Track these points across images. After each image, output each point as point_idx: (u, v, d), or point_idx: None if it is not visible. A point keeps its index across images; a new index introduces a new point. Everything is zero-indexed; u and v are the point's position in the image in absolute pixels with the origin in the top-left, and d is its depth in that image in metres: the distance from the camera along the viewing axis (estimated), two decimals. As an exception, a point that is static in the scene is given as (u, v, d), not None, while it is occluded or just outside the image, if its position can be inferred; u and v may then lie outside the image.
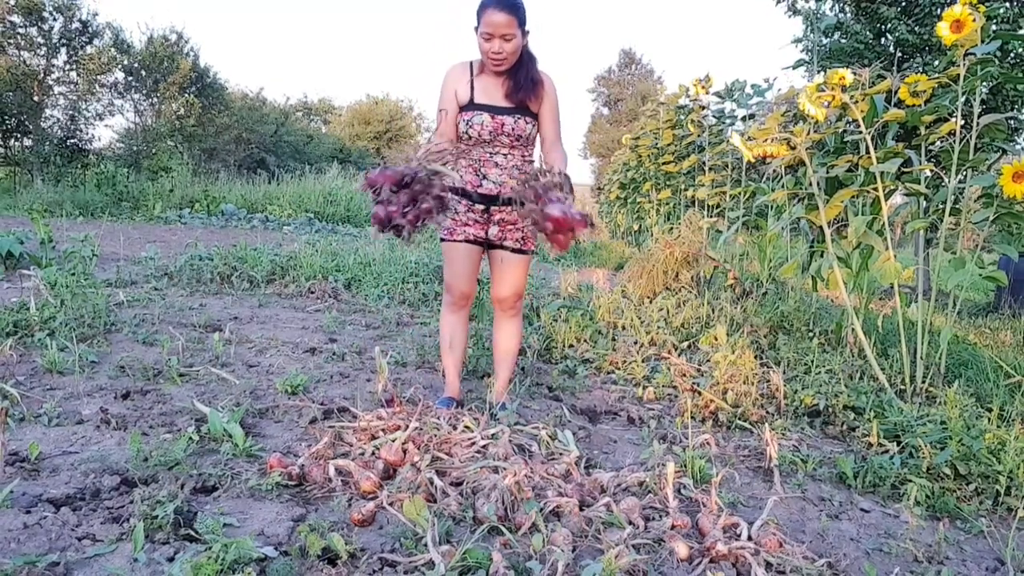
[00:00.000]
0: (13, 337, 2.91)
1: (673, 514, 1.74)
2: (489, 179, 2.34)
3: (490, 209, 2.37)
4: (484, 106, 2.30)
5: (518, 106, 2.30)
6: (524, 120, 2.31)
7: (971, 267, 2.68)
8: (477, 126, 2.28)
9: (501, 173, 2.34)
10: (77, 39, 13.96)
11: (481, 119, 2.28)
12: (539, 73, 2.34)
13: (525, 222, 1.93)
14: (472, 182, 2.34)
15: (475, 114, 2.29)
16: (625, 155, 9.18)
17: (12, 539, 1.44)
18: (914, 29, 5.52)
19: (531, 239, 2.40)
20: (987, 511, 2.00)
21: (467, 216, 2.37)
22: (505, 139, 2.31)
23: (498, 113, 2.30)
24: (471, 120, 2.29)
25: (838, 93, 2.85)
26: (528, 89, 2.29)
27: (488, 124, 2.28)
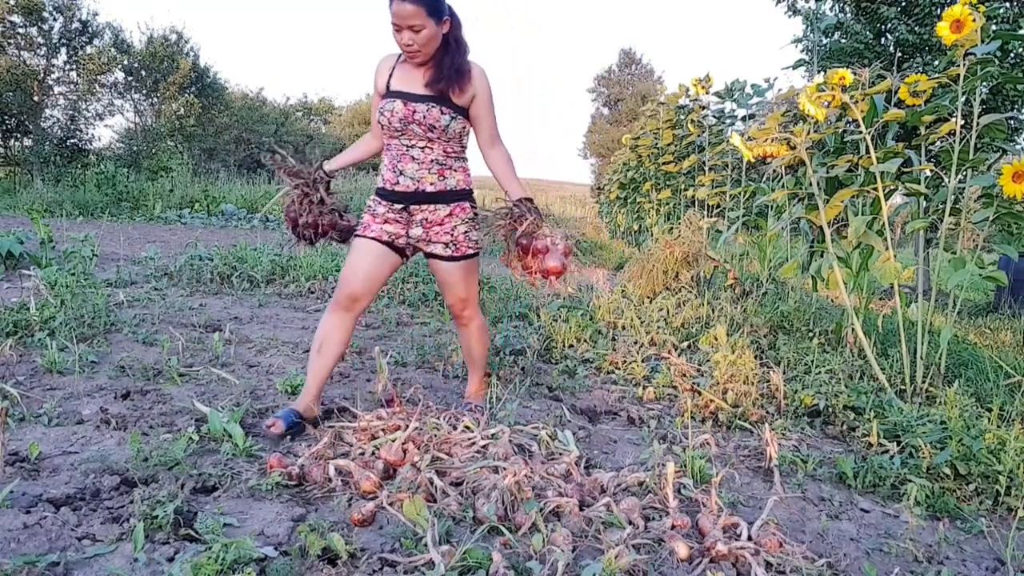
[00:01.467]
0: (13, 337, 2.91)
1: (673, 514, 1.74)
2: (406, 175, 2.18)
3: (410, 208, 2.21)
4: (398, 93, 2.15)
5: (437, 96, 2.13)
6: (439, 110, 2.13)
7: (971, 267, 2.68)
8: (388, 113, 2.14)
9: (418, 168, 2.18)
10: (77, 39, 13.96)
11: (393, 106, 2.13)
12: (467, 63, 2.16)
13: (517, 272, 2.08)
14: (389, 179, 2.20)
15: (388, 101, 2.15)
16: (625, 155, 9.18)
17: (12, 539, 1.44)
18: (914, 29, 5.52)
19: (464, 243, 2.25)
20: (987, 511, 2.00)
21: (386, 215, 2.23)
22: (417, 129, 2.14)
23: (411, 100, 2.13)
24: (383, 107, 2.16)
25: (838, 93, 2.85)
26: (451, 79, 2.11)
27: (399, 111, 2.12)
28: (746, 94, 5.14)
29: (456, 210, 2.23)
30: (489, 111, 2.22)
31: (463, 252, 2.26)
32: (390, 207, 2.22)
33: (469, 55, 2.19)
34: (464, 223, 2.25)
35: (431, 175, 2.19)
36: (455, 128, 2.17)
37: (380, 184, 2.24)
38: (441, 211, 2.22)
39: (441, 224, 2.22)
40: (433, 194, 2.20)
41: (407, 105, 2.13)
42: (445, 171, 2.21)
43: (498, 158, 2.24)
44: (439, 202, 2.21)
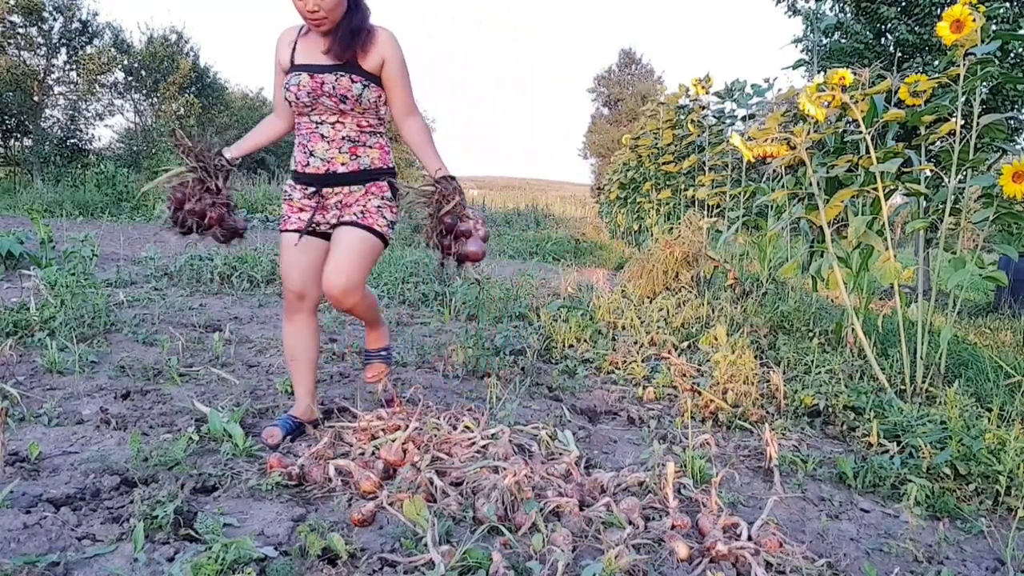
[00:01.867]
0: (13, 337, 2.91)
1: (673, 514, 1.74)
2: (316, 155, 2.04)
3: (322, 191, 2.07)
4: (303, 66, 2.01)
5: (344, 64, 1.98)
6: (349, 78, 1.97)
7: (971, 267, 2.68)
8: (295, 88, 1.98)
9: (328, 148, 2.03)
10: (77, 39, 13.96)
11: (299, 79, 1.98)
12: (367, 24, 2.02)
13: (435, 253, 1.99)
14: (300, 161, 2.08)
15: (293, 75, 2.00)
16: (625, 155, 9.18)
17: (12, 539, 1.44)
18: (914, 29, 5.52)
19: (374, 216, 2.07)
20: (987, 511, 2.00)
21: (301, 202, 2.10)
22: (328, 102, 1.99)
23: (318, 72, 1.98)
24: (289, 82, 2.00)
25: (838, 93, 2.85)
26: (348, 39, 1.97)
27: (306, 84, 1.97)
28: (746, 94, 5.14)
29: (372, 188, 2.08)
30: (402, 77, 2.06)
31: (370, 223, 2.06)
32: (304, 191, 2.09)
33: (370, 17, 2.05)
34: (379, 199, 2.09)
35: (342, 154, 2.03)
36: (369, 97, 2.01)
37: (293, 166, 2.13)
38: (356, 192, 2.07)
39: (356, 203, 2.08)
40: (345, 175, 2.05)
41: (314, 77, 1.97)
42: (358, 148, 2.06)
43: (415, 129, 2.09)
44: (352, 183, 2.06)
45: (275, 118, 2.18)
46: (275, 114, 2.18)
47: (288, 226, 2.11)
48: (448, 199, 1.95)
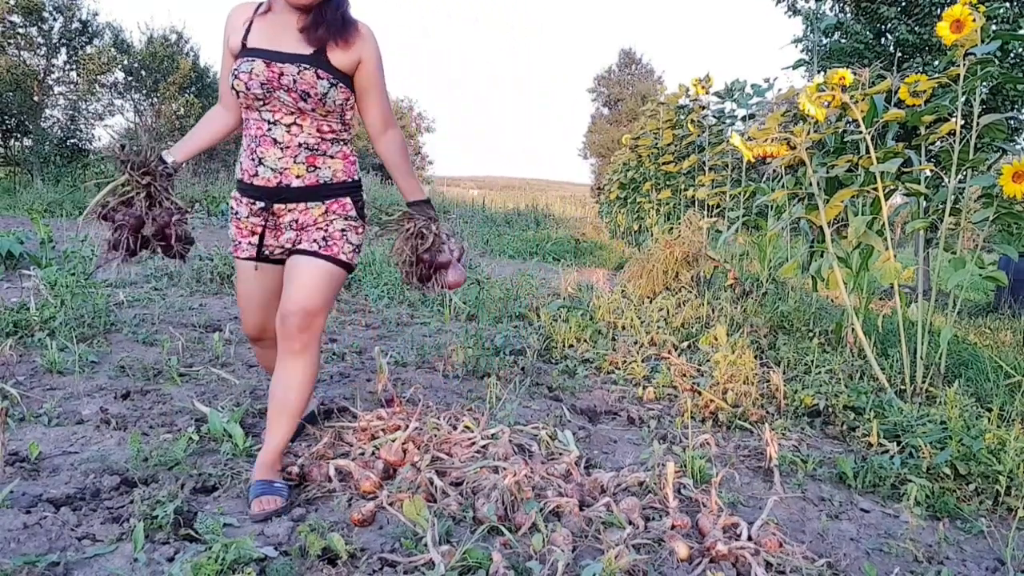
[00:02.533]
0: (13, 337, 2.91)
1: (673, 514, 1.74)
2: (266, 164, 1.68)
3: (273, 207, 1.72)
4: (258, 51, 1.65)
5: (312, 54, 1.65)
6: (315, 72, 1.64)
7: (971, 267, 2.68)
8: (245, 76, 1.63)
9: (282, 156, 1.68)
10: (77, 39, 13.96)
11: (252, 66, 1.62)
12: (352, 17, 1.72)
13: (414, 287, 1.91)
14: (247, 169, 1.72)
15: (245, 60, 1.64)
16: (625, 155, 9.18)
17: (12, 539, 1.44)
18: (914, 29, 5.52)
19: (339, 243, 1.75)
20: (987, 511, 2.00)
21: (250, 221, 1.76)
22: (285, 98, 1.64)
23: (276, 59, 1.63)
24: (239, 68, 1.64)
25: (838, 93, 2.85)
26: (335, 29, 1.65)
27: (260, 73, 1.62)
28: (746, 94, 5.14)
29: (334, 206, 1.74)
30: (380, 83, 1.75)
31: (334, 253, 1.74)
32: (251, 206, 1.74)
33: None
34: (343, 220, 1.76)
35: (297, 165, 1.68)
36: (335, 99, 1.68)
37: (239, 174, 1.76)
38: (314, 210, 1.72)
39: (315, 224, 1.74)
40: (300, 190, 1.70)
41: (271, 65, 1.62)
42: (317, 159, 1.70)
43: (394, 145, 1.80)
44: (309, 199, 1.71)
45: (222, 110, 1.81)
46: (221, 105, 1.81)
47: (240, 253, 1.80)
48: (424, 236, 1.82)
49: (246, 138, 1.74)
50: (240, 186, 1.75)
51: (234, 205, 1.78)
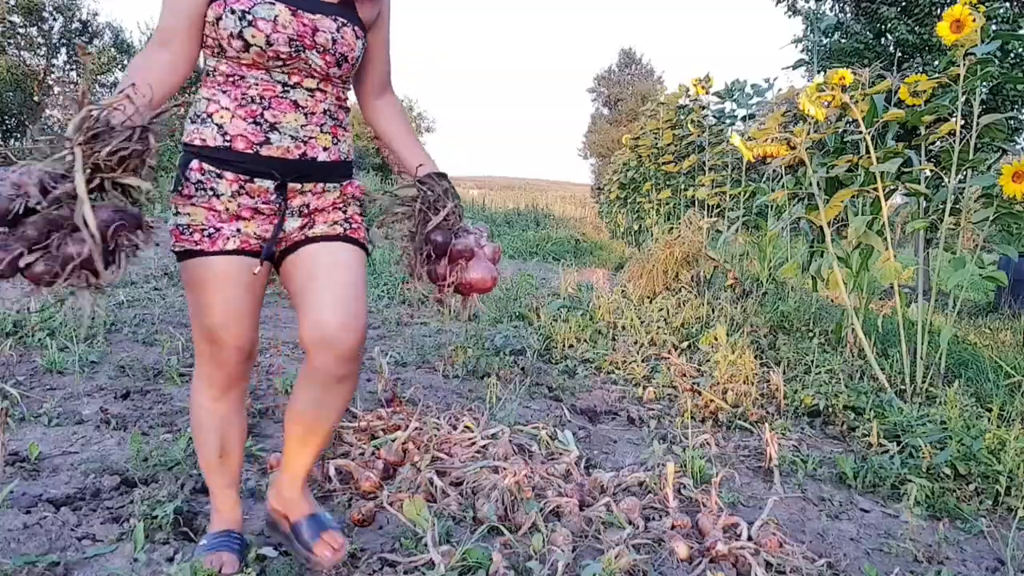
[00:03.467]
0: (13, 337, 2.91)
1: (673, 514, 1.74)
2: (282, 130, 1.25)
3: (285, 188, 1.27)
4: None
5: (344, 3, 1.28)
6: (353, 30, 1.27)
7: (971, 267, 2.68)
8: (265, 25, 1.18)
9: (306, 123, 1.27)
10: (77, 39, 13.95)
11: (273, 11, 1.18)
12: None
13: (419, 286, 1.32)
14: (248, 134, 1.23)
15: (263, 4, 1.18)
16: (625, 155, 9.18)
17: (12, 539, 1.44)
18: (914, 29, 5.52)
19: (360, 227, 1.38)
20: (987, 511, 2.00)
21: (237, 203, 1.26)
22: (317, 61, 1.24)
23: (305, 7, 1.22)
24: (254, 12, 1.18)
25: (838, 93, 2.85)
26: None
27: (287, 25, 1.20)
28: (746, 94, 5.14)
29: (349, 189, 1.37)
30: (388, 36, 1.42)
31: (361, 238, 1.37)
32: (244, 184, 1.25)
33: None
34: (358, 204, 1.41)
35: (324, 134, 1.30)
36: (358, 62, 1.33)
37: (214, 140, 1.23)
38: (330, 194, 1.33)
39: (333, 204, 1.35)
40: (325, 165, 1.31)
41: (299, 16, 1.21)
42: (338, 130, 1.34)
43: (395, 109, 1.44)
44: (330, 178, 1.33)
45: (168, 57, 1.21)
46: (163, 48, 1.21)
47: (215, 245, 1.25)
48: (436, 207, 1.31)
49: (233, 93, 1.23)
50: (217, 155, 1.23)
51: (203, 181, 1.24)
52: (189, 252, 1.27)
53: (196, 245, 1.26)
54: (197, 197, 1.25)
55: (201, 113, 1.26)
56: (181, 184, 1.27)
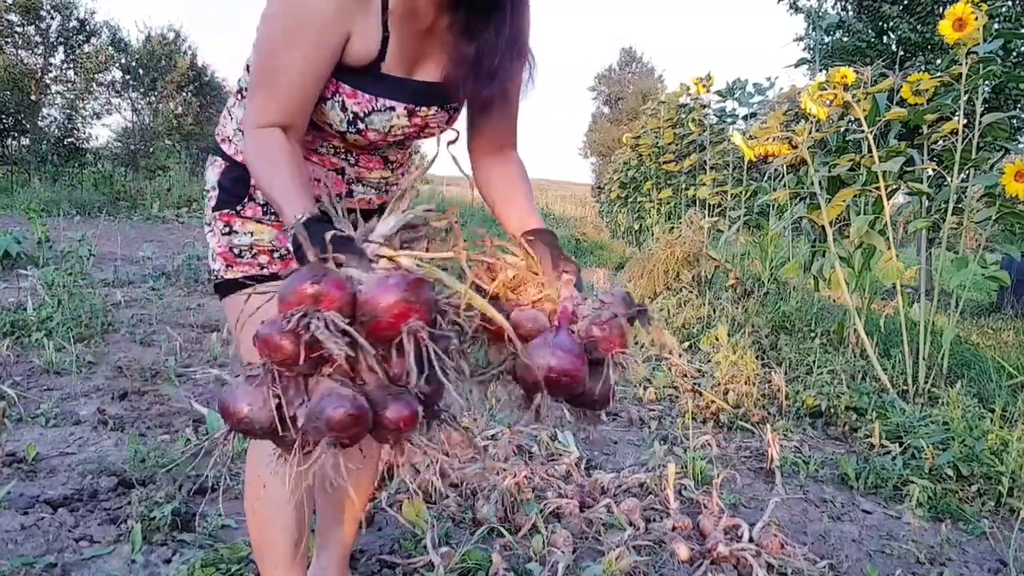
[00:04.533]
0: (10, 337, 2.90)
1: (674, 515, 1.73)
2: (366, 183, 1.11)
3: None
4: (397, 83, 0.98)
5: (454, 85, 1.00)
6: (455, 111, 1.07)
7: (974, 267, 2.67)
8: (374, 136, 1.01)
9: (391, 176, 1.14)
10: (74, 37, 13.93)
11: (389, 122, 0.99)
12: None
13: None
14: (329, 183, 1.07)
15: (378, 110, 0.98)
16: (626, 154, 9.17)
17: (9, 540, 1.43)
18: (916, 27, 5.51)
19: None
20: (989, 512, 1.99)
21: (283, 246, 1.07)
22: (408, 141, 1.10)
23: (422, 102, 1.01)
24: (365, 122, 0.98)
25: (840, 92, 2.84)
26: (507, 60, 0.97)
27: (400, 129, 1.01)
28: (747, 93, 5.14)
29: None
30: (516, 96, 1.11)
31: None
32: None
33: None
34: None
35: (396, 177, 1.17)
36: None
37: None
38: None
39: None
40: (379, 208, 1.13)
41: (415, 116, 1.01)
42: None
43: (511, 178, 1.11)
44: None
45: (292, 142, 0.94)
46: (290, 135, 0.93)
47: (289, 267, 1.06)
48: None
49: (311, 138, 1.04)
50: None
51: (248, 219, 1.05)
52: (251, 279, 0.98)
53: (263, 270, 1.04)
54: (266, 217, 1.05)
55: None
56: (236, 202, 1.04)
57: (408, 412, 0.70)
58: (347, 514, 1.25)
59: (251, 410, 0.70)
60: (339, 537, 1.27)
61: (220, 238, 1.06)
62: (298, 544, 1.13)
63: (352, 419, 0.67)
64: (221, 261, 1.06)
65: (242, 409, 0.71)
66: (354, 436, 0.67)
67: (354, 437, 0.67)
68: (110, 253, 5.92)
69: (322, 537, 1.28)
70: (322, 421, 0.66)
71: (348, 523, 1.27)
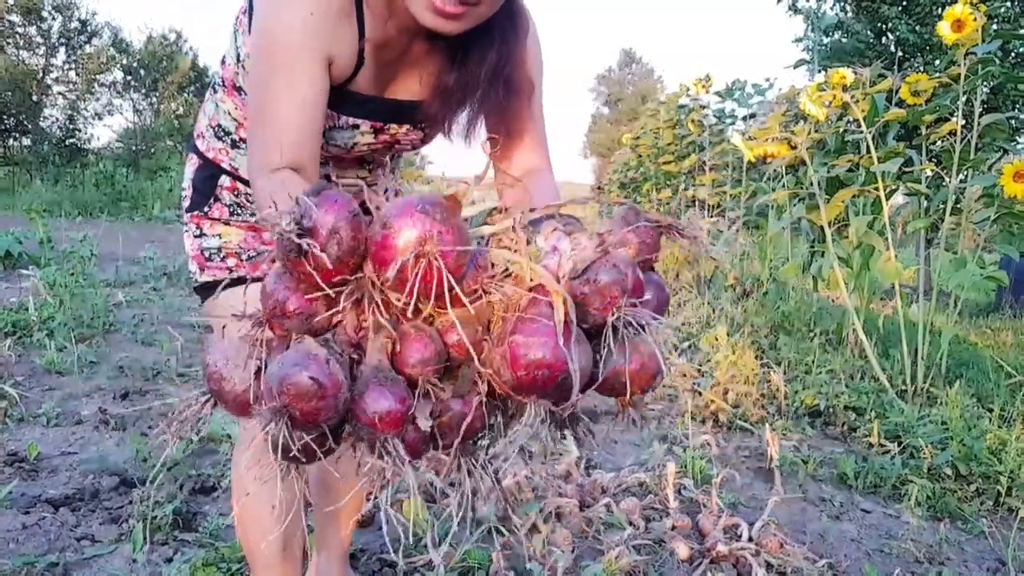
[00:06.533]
0: (12, 337, 2.91)
1: (674, 515, 1.73)
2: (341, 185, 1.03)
3: None
4: (365, 101, 0.94)
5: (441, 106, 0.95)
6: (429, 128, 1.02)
7: (972, 267, 2.67)
8: (334, 151, 0.99)
9: (369, 177, 1.12)
10: (76, 38, 13.94)
11: (352, 139, 0.97)
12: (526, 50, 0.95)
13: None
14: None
15: (340, 127, 0.95)
16: (625, 155, 9.18)
17: (11, 539, 1.44)
18: (915, 28, 5.51)
19: None
20: (988, 512, 2.00)
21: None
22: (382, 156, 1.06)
23: (391, 119, 0.97)
24: (330, 131, 0.95)
25: (839, 92, 2.85)
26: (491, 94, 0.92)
27: (366, 140, 0.98)
28: (747, 93, 5.14)
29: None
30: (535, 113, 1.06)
31: None
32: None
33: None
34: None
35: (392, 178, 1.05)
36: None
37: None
38: None
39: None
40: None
41: (381, 133, 0.99)
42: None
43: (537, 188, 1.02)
44: None
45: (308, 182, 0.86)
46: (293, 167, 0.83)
47: (257, 270, 1.04)
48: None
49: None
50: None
51: (231, 199, 1.05)
52: (221, 283, 1.01)
53: (231, 273, 1.03)
54: (233, 218, 1.05)
55: (230, 132, 1.02)
56: (204, 203, 1.04)
57: (389, 405, 0.53)
58: (344, 513, 1.24)
59: (225, 366, 0.58)
60: (337, 535, 1.26)
61: (192, 240, 1.06)
62: (287, 547, 1.10)
63: (314, 386, 0.51)
64: (195, 264, 1.06)
65: (215, 363, 0.58)
66: (309, 413, 0.51)
67: (308, 414, 0.51)
68: (111, 253, 5.93)
69: (320, 535, 1.28)
70: (276, 380, 0.52)
71: (345, 521, 1.25)
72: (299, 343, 0.55)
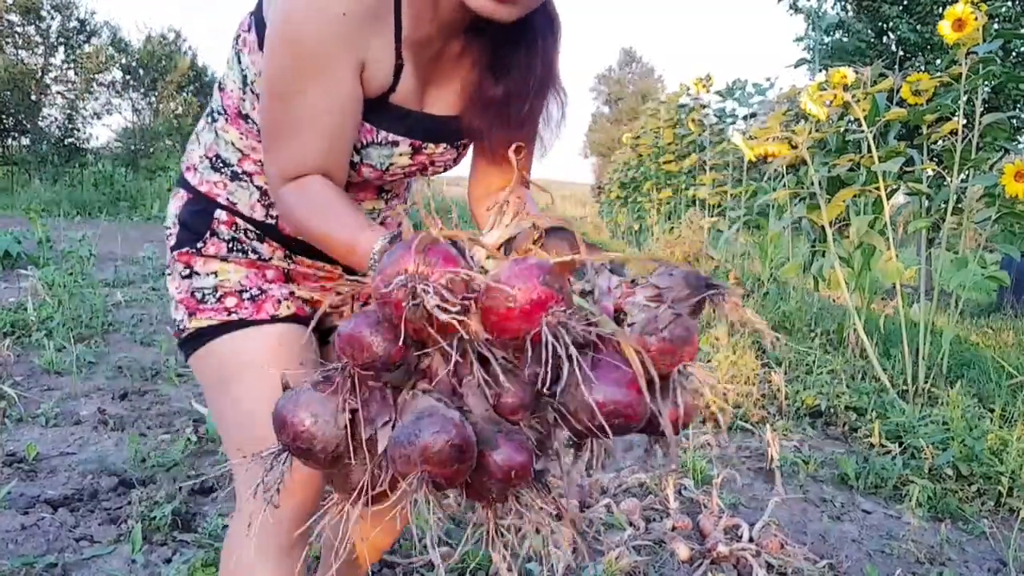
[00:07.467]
0: (10, 337, 2.90)
1: (674, 515, 1.73)
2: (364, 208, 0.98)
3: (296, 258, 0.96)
4: (405, 115, 0.86)
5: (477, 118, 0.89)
6: (465, 147, 0.97)
7: (973, 267, 2.67)
8: (367, 172, 0.88)
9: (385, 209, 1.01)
10: (75, 38, 13.93)
11: (389, 159, 0.88)
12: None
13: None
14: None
15: (377, 144, 0.86)
16: (626, 154, 9.18)
17: (10, 540, 1.43)
18: (916, 28, 5.51)
19: None
20: (989, 512, 1.99)
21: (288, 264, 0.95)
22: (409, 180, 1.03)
23: (430, 138, 0.90)
24: (366, 148, 0.86)
25: (840, 92, 2.85)
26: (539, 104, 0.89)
27: (400, 168, 0.91)
28: (747, 93, 5.14)
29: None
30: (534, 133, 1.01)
31: None
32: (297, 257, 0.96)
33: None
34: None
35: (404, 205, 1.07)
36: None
37: (251, 210, 0.92)
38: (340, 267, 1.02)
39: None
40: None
41: (418, 154, 0.90)
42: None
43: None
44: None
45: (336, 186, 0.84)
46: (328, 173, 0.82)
47: (261, 311, 0.91)
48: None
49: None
50: (263, 229, 0.93)
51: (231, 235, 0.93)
52: (218, 328, 0.89)
53: (230, 315, 0.89)
54: (231, 254, 0.92)
55: (231, 163, 0.92)
56: (195, 239, 0.92)
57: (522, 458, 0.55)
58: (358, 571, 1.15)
59: (314, 423, 0.55)
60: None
61: (180, 282, 0.93)
62: None
63: (456, 452, 0.51)
64: (183, 310, 0.92)
65: (302, 421, 0.55)
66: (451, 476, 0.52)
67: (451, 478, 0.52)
68: (110, 253, 5.93)
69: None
70: (416, 448, 0.50)
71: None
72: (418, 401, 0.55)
